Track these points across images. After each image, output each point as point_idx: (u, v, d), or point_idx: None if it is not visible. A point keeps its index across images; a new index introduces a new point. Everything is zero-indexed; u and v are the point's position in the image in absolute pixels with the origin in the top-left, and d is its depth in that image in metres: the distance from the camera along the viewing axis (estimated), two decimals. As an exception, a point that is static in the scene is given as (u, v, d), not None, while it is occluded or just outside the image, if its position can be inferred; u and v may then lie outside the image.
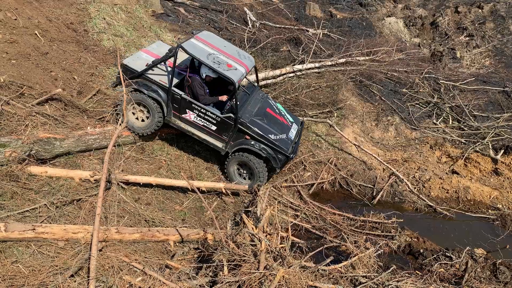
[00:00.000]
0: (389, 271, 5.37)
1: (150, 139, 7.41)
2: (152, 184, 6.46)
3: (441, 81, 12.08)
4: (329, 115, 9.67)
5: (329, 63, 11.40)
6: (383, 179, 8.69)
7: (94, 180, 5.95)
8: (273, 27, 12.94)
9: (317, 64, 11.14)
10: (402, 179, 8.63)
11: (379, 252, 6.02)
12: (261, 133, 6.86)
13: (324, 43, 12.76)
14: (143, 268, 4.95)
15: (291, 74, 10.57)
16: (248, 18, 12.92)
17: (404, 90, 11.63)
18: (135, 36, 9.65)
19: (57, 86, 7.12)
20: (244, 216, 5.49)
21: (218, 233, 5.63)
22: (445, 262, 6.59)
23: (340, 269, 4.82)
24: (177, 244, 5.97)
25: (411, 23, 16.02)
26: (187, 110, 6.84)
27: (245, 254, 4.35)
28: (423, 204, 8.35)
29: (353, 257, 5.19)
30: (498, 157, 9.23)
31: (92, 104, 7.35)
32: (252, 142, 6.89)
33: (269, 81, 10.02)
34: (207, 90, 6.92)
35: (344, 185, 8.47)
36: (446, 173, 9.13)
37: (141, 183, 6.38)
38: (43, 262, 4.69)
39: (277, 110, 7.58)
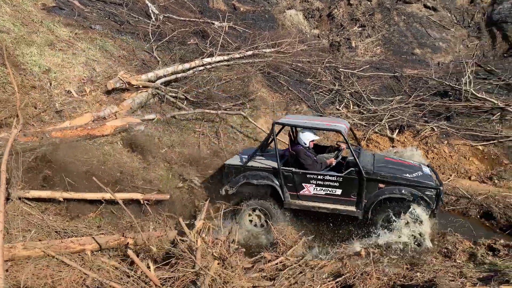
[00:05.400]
0: (312, 252, 5.66)
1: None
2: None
3: (340, 69, 12.96)
4: (242, 107, 9.80)
5: (238, 55, 11.53)
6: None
7: (-10, 194, 5.26)
8: (178, 20, 12.65)
9: (226, 57, 11.19)
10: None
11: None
12: (396, 175, 6.12)
13: (230, 36, 12.84)
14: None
15: (201, 68, 10.47)
16: (151, 11, 12.45)
17: (308, 79, 12.25)
18: (24, 32, 8.68)
19: None
20: (180, 220, 5.34)
21: (139, 236, 5.40)
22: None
23: (276, 265, 4.95)
24: (95, 253, 5.58)
25: (310, 15, 16.89)
26: (303, 184, 6.31)
27: (183, 251, 4.24)
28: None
29: (285, 249, 5.34)
30: (394, 136, 10.23)
31: (-21, 109, 6.48)
32: (389, 188, 6.06)
33: (179, 75, 9.81)
34: (315, 158, 6.52)
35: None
36: (352, 154, 9.87)
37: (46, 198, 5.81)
38: None
39: (396, 157, 7.13)
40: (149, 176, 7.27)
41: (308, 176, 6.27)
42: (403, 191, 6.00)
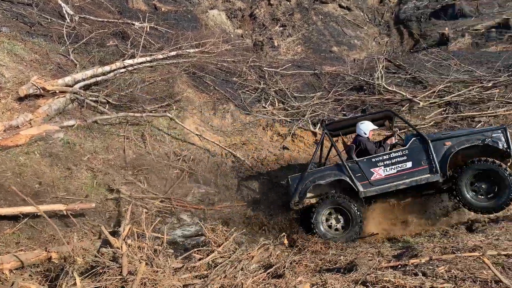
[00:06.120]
0: (242, 247, 5.82)
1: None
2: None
3: (264, 68, 13.33)
4: (168, 108, 9.69)
5: (161, 56, 11.37)
6: (226, 163, 9.22)
7: None
8: (95, 21, 12.14)
9: (148, 58, 10.98)
10: (243, 160, 9.32)
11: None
12: (464, 131, 6.46)
13: (152, 37, 12.61)
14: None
15: (123, 70, 10.16)
16: (65, 12, 11.79)
17: (234, 79, 12.43)
18: None
19: None
20: (103, 228, 5.17)
21: (64, 249, 5.17)
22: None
23: (209, 262, 5.02)
24: (14, 271, 5.24)
25: (233, 15, 17.12)
26: (371, 170, 6.37)
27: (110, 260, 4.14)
28: (265, 181, 9.18)
29: (217, 247, 5.43)
30: (317, 130, 10.76)
31: None
32: (457, 142, 6.10)
33: (99, 78, 9.43)
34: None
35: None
36: (279, 150, 10.22)
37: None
38: None
39: None
40: (71, 185, 6.95)
41: (373, 160, 6.39)
42: (470, 140, 6.05)
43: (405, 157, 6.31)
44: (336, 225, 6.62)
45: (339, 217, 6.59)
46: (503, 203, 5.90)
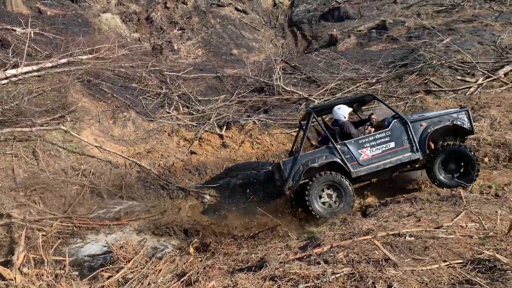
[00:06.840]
0: (152, 260, 5.69)
1: None
2: None
3: (165, 72, 13.10)
4: (61, 120, 9.02)
5: (49, 64, 10.53)
6: (131, 174, 8.89)
7: None
8: (-34, 27, 10.80)
9: (35, 67, 10.10)
10: (150, 169, 9.07)
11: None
12: (430, 114, 6.96)
13: (39, 43, 11.62)
14: None
15: (5, 81, 9.20)
16: None
17: (134, 84, 12.00)
18: None
19: None
20: None
21: None
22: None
23: (119, 279, 4.79)
24: None
25: (128, 19, 16.51)
26: (359, 151, 6.77)
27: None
28: (174, 189, 9.04)
29: (126, 263, 5.21)
30: (223, 132, 10.90)
31: None
32: (431, 124, 6.75)
33: (-25, 92, 8.43)
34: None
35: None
36: (186, 155, 10.14)
37: None
38: None
39: None
40: (-51, 215, 6.13)
41: (360, 142, 6.83)
42: (442, 121, 6.81)
43: (388, 138, 6.88)
44: (329, 201, 6.95)
45: (331, 193, 6.93)
46: (469, 181, 6.71)
